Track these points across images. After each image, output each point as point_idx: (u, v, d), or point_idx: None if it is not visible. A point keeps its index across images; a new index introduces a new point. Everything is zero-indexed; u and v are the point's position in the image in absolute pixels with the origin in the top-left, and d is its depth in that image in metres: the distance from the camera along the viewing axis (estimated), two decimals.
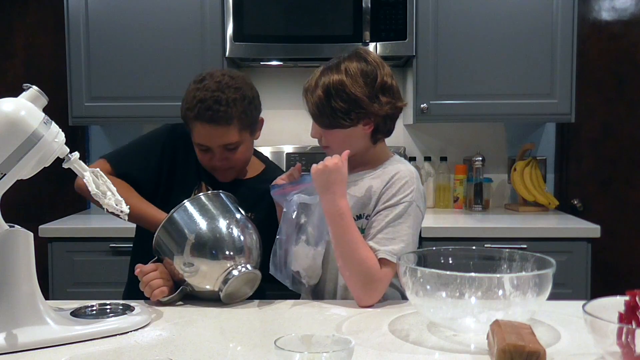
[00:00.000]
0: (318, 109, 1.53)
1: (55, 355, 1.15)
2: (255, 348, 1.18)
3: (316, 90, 1.53)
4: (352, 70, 1.52)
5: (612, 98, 3.22)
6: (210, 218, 1.49)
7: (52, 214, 2.95)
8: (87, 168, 1.24)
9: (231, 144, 1.63)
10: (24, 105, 1.16)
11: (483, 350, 1.12)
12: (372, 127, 1.55)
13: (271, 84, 3.22)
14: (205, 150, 1.65)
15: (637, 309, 1.02)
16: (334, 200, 1.45)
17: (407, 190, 1.52)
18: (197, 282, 1.46)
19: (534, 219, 2.81)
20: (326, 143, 1.58)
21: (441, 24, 2.82)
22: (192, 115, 1.61)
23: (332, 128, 1.54)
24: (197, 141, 1.64)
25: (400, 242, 1.48)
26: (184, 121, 1.67)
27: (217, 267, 1.44)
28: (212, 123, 1.59)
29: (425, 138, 3.25)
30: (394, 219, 1.50)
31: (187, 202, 1.50)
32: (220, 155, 1.64)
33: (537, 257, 1.31)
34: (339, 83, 1.51)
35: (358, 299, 1.46)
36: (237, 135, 1.62)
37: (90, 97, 2.86)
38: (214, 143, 1.62)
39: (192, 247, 1.45)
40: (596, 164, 3.25)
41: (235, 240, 1.48)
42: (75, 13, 2.83)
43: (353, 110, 1.51)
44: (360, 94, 1.51)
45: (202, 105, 1.59)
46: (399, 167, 1.58)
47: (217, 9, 2.80)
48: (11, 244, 1.19)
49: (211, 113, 1.58)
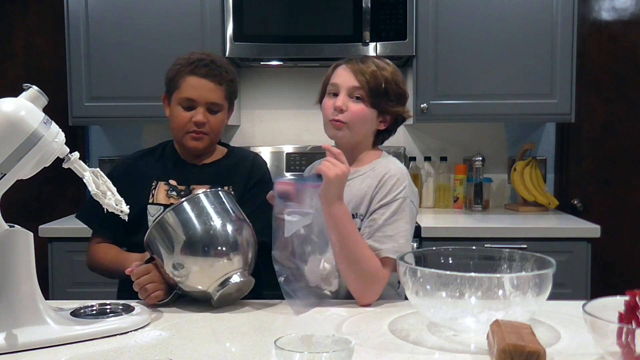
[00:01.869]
0: (375, 83, 1.57)
1: (55, 355, 1.15)
2: (255, 348, 1.18)
3: (370, 67, 1.58)
4: (398, 72, 1.64)
5: (612, 98, 3.22)
6: (205, 220, 1.44)
7: (52, 214, 2.95)
8: (87, 168, 1.24)
9: (215, 105, 1.73)
10: (24, 105, 1.16)
11: (483, 350, 1.12)
12: (386, 126, 1.63)
13: (271, 84, 3.22)
14: (188, 108, 1.72)
15: (637, 309, 1.02)
16: (341, 204, 1.46)
17: (399, 187, 1.54)
18: (190, 283, 1.42)
19: (534, 219, 2.81)
20: (346, 118, 1.58)
21: (441, 24, 2.82)
22: (187, 70, 1.72)
23: (374, 107, 1.59)
24: (185, 95, 1.71)
25: (400, 239, 1.50)
26: (171, 82, 1.75)
27: (211, 271, 1.41)
28: (207, 77, 1.71)
29: (425, 138, 3.25)
30: (390, 216, 1.52)
31: (185, 203, 1.46)
32: (203, 114, 1.72)
33: (537, 257, 1.31)
34: (393, 74, 1.60)
35: (360, 298, 1.47)
36: (222, 98, 1.74)
37: (90, 97, 2.86)
38: (203, 98, 1.71)
39: (183, 248, 1.41)
40: (596, 164, 3.25)
41: (230, 243, 1.44)
42: (75, 13, 2.83)
43: (397, 102, 1.61)
44: (404, 92, 1.64)
45: (200, 62, 1.72)
46: (389, 166, 1.60)
47: (217, 9, 2.80)
48: (11, 244, 1.19)
49: (208, 69, 1.72)
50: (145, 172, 1.79)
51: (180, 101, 1.73)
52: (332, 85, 1.61)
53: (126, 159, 1.90)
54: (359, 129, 1.59)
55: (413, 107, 2.84)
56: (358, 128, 1.59)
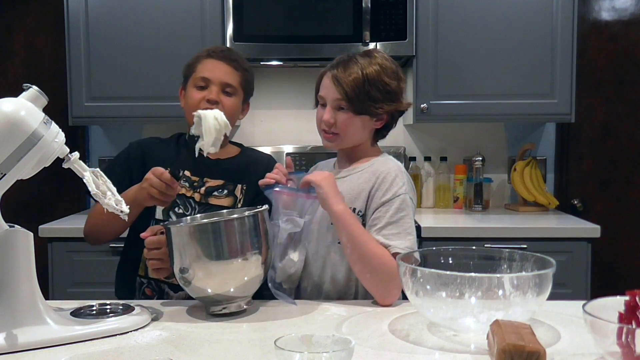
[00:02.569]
0: (355, 92, 1.54)
1: (55, 355, 1.15)
2: (255, 348, 1.18)
3: (351, 74, 1.55)
4: (386, 65, 1.58)
5: (612, 98, 3.22)
6: (223, 251, 1.33)
7: (52, 214, 2.95)
8: (87, 168, 1.24)
9: (230, 86, 1.72)
10: (24, 105, 1.16)
11: (483, 350, 1.12)
12: (383, 124, 1.62)
13: (271, 84, 3.22)
14: (202, 88, 1.71)
15: (637, 309, 1.02)
16: (342, 202, 1.48)
17: (399, 184, 1.55)
18: (189, 290, 1.38)
19: (534, 219, 2.81)
20: (337, 129, 1.58)
21: (441, 24, 2.82)
22: (205, 54, 1.74)
23: (360, 114, 1.57)
24: (200, 75, 1.71)
25: (407, 235, 1.51)
26: (188, 69, 1.75)
27: (212, 296, 1.36)
28: (223, 60, 1.73)
29: (425, 138, 3.25)
30: (394, 214, 1.52)
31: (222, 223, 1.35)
32: (217, 94, 1.70)
33: (537, 257, 1.31)
34: (377, 73, 1.55)
35: (382, 298, 1.47)
36: (238, 83, 1.73)
37: (90, 97, 2.86)
38: (217, 78, 1.70)
39: (196, 262, 1.33)
40: (596, 164, 3.25)
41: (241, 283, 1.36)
42: (75, 13, 2.83)
43: (385, 102, 1.56)
44: (394, 87, 1.57)
45: (218, 48, 1.78)
46: (387, 163, 1.61)
47: (217, 9, 2.80)
48: (11, 244, 1.19)
49: (224, 54, 1.75)
50: (160, 156, 1.75)
51: (195, 81, 1.72)
52: (320, 97, 1.62)
53: (142, 140, 1.88)
54: (351, 137, 1.60)
55: (413, 107, 2.84)
56: (350, 137, 1.60)
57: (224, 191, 1.75)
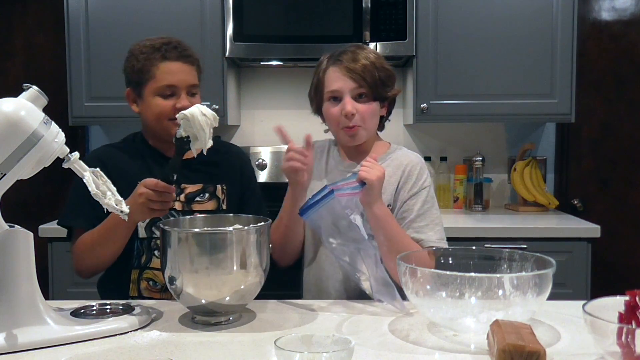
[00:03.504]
0: (371, 77, 1.58)
1: (55, 355, 1.15)
2: (255, 348, 1.18)
3: (360, 61, 1.58)
4: (377, 53, 1.68)
5: (612, 98, 3.22)
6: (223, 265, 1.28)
7: (52, 214, 2.95)
8: (87, 168, 1.24)
9: (194, 86, 1.66)
10: (24, 105, 1.16)
11: (483, 350, 1.12)
12: (386, 111, 1.68)
13: (271, 84, 3.22)
14: (169, 96, 1.63)
15: (637, 309, 1.02)
16: (382, 204, 1.49)
17: (423, 176, 1.62)
18: (179, 299, 1.33)
19: (534, 219, 2.81)
20: (358, 121, 1.59)
21: (441, 24, 2.82)
22: (159, 56, 1.62)
23: (377, 100, 1.61)
24: (164, 83, 1.62)
25: (436, 226, 1.58)
26: (140, 73, 1.64)
27: (201, 307, 1.32)
28: (181, 60, 1.64)
29: (425, 138, 3.25)
30: (422, 205, 1.58)
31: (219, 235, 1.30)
32: (186, 99, 1.63)
33: (537, 257, 1.31)
34: (377, 58, 1.62)
35: None
36: (198, 78, 1.69)
37: (90, 97, 2.86)
38: (182, 82, 1.63)
39: (188, 272, 1.28)
40: (596, 164, 3.25)
41: (232, 305, 1.33)
42: (75, 13, 2.83)
43: (391, 84, 1.64)
44: (392, 72, 1.65)
45: (168, 46, 1.64)
46: (409, 156, 1.66)
47: (217, 9, 2.80)
48: (11, 244, 1.19)
49: (179, 51, 1.65)
50: (123, 169, 1.65)
51: (158, 90, 1.63)
52: (331, 92, 1.61)
53: (95, 152, 1.76)
54: (372, 126, 1.64)
55: (413, 107, 2.85)
56: (371, 125, 1.64)
57: (205, 195, 1.71)
